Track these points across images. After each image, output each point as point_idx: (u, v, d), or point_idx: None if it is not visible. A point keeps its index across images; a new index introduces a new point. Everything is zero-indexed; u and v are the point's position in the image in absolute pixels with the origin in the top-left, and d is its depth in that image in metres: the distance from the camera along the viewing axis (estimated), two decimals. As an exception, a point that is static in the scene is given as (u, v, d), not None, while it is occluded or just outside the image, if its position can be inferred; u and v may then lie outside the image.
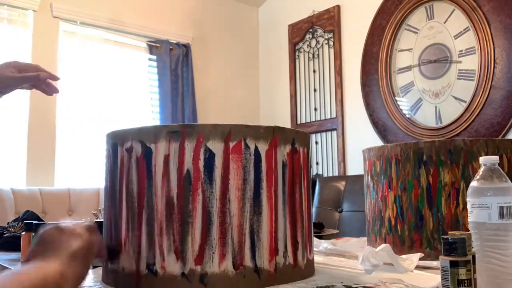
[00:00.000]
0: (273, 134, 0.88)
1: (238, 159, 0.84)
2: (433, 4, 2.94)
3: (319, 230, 1.63)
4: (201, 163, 0.83)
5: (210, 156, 0.83)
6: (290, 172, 0.90)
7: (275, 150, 0.88)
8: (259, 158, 0.86)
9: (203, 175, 0.83)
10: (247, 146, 0.85)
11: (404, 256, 1.02)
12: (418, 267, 0.99)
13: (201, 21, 3.79)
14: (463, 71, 2.79)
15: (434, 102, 2.93)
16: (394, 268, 0.94)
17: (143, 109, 3.43)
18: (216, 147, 0.83)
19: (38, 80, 1.09)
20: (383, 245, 0.96)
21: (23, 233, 1.08)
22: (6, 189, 2.54)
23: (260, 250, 0.84)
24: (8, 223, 1.48)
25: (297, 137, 0.93)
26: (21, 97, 2.86)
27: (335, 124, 3.44)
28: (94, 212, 1.54)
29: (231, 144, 0.84)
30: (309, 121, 3.65)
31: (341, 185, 2.61)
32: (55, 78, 1.09)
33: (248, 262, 0.83)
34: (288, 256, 0.88)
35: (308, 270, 0.94)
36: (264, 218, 0.85)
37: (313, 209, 2.63)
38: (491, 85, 2.64)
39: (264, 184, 0.86)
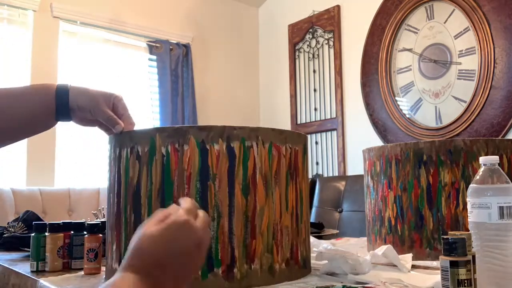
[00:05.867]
0: (218, 134, 0.84)
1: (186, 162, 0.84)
2: (433, 4, 2.94)
3: (319, 230, 1.63)
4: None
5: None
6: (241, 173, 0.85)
7: (210, 149, 0.84)
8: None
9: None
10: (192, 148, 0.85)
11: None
12: (417, 267, 0.99)
13: (201, 21, 3.78)
14: (463, 71, 2.79)
15: (434, 102, 2.93)
16: (392, 268, 0.94)
17: (143, 109, 3.43)
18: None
19: (112, 126, 0.97)
20: (385, 246, 0.96)
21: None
22: (6, 189, 2.54)
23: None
24: (8, 223, 1.47)
25: (251, 134, 0.86)
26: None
27: (335, 124, 3.44)
28: (94, 212, 1.54)
29: (179, 148, 0.85)
30: (309, 121, 3.64)
31: (341, 185, 2.61)
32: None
33: None
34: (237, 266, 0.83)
35: (277, 278, 0.87)
36: None
37: (313, 209, 2.63)
38: (491, 85, 2.64)
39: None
